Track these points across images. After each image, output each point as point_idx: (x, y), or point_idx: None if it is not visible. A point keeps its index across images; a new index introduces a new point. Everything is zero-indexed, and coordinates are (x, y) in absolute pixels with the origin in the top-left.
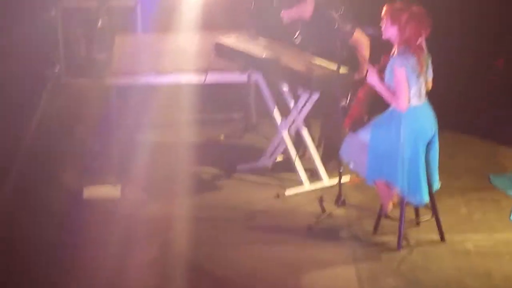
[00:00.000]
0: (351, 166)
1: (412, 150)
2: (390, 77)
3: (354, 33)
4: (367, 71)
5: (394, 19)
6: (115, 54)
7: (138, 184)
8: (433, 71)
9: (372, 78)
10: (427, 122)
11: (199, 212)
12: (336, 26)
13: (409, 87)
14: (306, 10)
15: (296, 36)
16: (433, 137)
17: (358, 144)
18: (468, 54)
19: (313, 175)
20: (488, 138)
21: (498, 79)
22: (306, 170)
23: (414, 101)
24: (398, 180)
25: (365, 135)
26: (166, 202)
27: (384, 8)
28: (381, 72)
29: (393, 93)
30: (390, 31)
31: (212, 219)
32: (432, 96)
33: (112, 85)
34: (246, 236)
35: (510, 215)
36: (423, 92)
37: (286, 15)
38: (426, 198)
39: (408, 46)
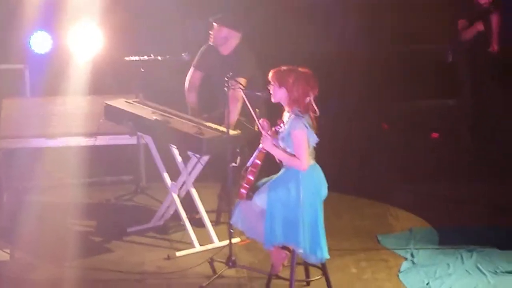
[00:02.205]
0: (246, 234)
1: (311, 210)
2: (287, 140)
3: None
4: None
5: (281, 81)
6: (3, 117)
7: (27, 247)
8: (320, 133)
9: (267, 144)
10: (322, 181)
11: (89, 274)
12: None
13: (309, 146)
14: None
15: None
16: None
17: (253, 211)
18: (353, 117)
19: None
20: (376, 199)
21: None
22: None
23: (310, 161)
24: (300, 242)
25: (260, 200)
26: (56, 265)
27: (271, 73)
28: (273, 136)
29: (292, 155)
30: (279, 94)
31: (103, 281)
32: (319, 158)
33: (0, 149)
34: None
35: (397, 274)
36: (314, 151)
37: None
38: (326, 255)
39: (298, 105)
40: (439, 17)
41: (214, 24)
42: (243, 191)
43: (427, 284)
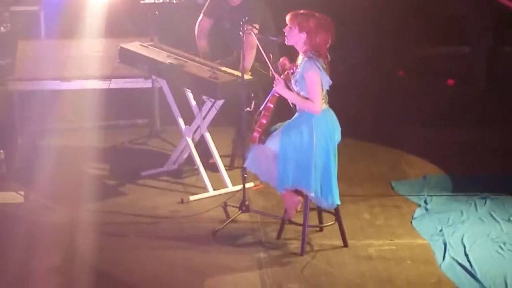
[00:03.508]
0: (260, 177)
1: (324, 154)
2: (301, 82)
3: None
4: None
5: (302, 26)
6: (18, 59)
7: (42, 190)
8: (335, 79)
9: (280, 87)
10: (335, 126)
11: (103, 217)
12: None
13: (322, 89)
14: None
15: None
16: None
17: (266, 154)
18: (369, 64)
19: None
20: (391, 145)
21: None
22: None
23: (323, 105)
24: (311, 185)
25: (273, 144)
26: (70, 208)
27: (289, 16)
28: (287, 80)
29: (306, 98)
30: (296, 38)
31: (117, 224)
32: (336, 104)
33: (15, 90)
34: (151, 241)
35: (411, 221)
36: (327, 96)
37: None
38: (338, 201)
39: (318, 52)
40: None
41: None
42: (256, 134)
43: (440, 230)
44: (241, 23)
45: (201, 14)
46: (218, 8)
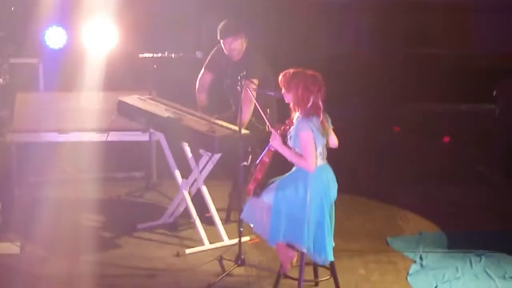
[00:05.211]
0: (254, 229)
1: (318, 211)
2: (295, 140)
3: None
4: (270, 133)
5: (286, 85)
6: (16, 111)
7: (38, 241)
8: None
9: (276, 143)
10: (331, 182)
11: (99, 269)
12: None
13: (316, 148)
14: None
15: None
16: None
17: (260, 207)
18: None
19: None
20: (387, 201)
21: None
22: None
23: (319, 161)
24: (304, 241)
25: (268, 197)
26: (67, 259)
27: (280, 76)
28: (284, 136)
29: (300, 155)
30: (286, 97)
31: (113, 276)
32: (331, 159)
33: (12, 142)
34: None
35: (406, 277)
36: (325, 152)
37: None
38: (331, 257)
39: (299, 109)
40: (454, 20)
41: (226, 39)
42: (250, 187)
43: (435, 287)
44: (239, 77)
45: (203, 69)
46: (219, 63)
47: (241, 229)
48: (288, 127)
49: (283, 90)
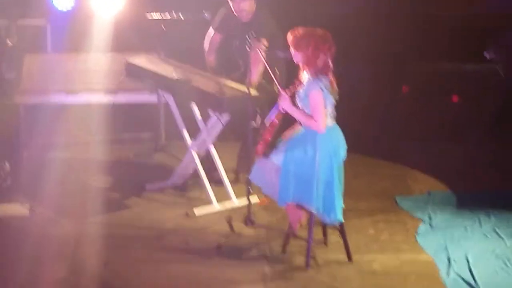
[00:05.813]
0: (263, 190)
1: (327, 171)
2: (305, 100)
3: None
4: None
5: (296, 45)
6: (24, 73)
7: (47, 202)
8: (340, 94)
9: (285, 104)
10: (340, 143)
11: (108, 230)
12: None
13: (326, 108)
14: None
15: None
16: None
17: (269, 168)
18: (373, 78)
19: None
20: (395, 161)
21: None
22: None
23: (329, 122)
24: (313, 201)
25: (277, 158)
26: (75, 221)
27: (289, 36)
28: (293, 96)
29: (309, 116)
30: (296, 57)
31: (122, 237)
32: (340, 119)
33: (21, 104)
34: (156, 254)
35: (415, 236)
36: (334, 112)
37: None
38: (340, 217)
39: (309, 68)
40: None
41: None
42: (260, 147)
43: (445, 246)
44: (248, 38)
45: (212, 29)
46: (228, 24)
47: (250, 189)
48: (297, 87)
49: (292, 49)
